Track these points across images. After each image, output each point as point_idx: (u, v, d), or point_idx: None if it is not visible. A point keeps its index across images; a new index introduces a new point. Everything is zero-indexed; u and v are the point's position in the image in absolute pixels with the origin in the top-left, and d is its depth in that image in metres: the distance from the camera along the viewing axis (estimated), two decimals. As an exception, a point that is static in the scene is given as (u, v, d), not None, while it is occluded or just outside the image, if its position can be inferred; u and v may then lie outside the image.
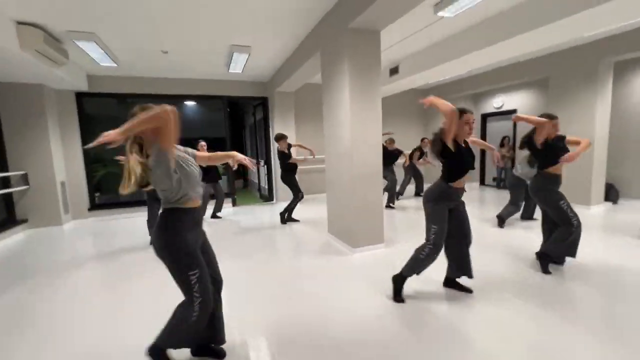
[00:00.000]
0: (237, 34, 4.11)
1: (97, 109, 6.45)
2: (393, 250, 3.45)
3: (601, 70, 4.87)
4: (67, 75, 4.63)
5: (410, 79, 5.67)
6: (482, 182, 8.46)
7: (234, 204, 6.84)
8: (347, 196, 3.44)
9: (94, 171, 6.34)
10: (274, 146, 6.61)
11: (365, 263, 3.15)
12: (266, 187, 7.55)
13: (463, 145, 2.22)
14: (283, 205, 6.12)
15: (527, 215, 4.59)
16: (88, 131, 5.75)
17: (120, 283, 2.95)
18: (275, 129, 6.54)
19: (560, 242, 2.68)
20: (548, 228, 2.88)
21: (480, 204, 6.22)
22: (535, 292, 2.40)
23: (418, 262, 2.29)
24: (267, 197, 7.30)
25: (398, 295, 2.35)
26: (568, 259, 2.86)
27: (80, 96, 5.66)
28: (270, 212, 6.03)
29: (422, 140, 6.66)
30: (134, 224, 5.26)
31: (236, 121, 10.02)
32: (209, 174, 5.14)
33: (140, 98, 5.86)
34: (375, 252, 3.42)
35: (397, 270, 2.39)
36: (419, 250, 2.30)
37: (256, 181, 8.86)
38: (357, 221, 3.39)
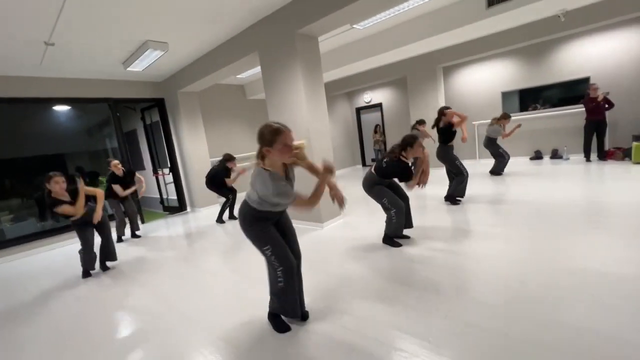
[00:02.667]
0: (155, 28, 3.84)
1: None
2: (352, 218, 4.22)
3: (437, 72, 7.06)
4: None
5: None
6: (364, 163, 10.34)
7: (142, 220, 6.02)
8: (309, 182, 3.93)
9: None
10: (184, 150, 6.23)
11: (339, 231, 3.78)
12: (171, 197, 6.90)
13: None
14: (205, 212, 5.96)
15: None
16: None
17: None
18: (183, 131, 6.14)
19: (458, 185, 4.09)
20: (450, 178, 4.29)
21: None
22: (459, 216, 3.65)
23: (394, 224, 2.99)
24: (178, 207, 6.72)
25: (396, 245, 3.03)
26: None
27: None
28: (197, 220, 5.71)
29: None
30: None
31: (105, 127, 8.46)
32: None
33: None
34: (339, 222, 4.09)
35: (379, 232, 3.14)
36: (389, 218, 3.01)
37: (148, 195, 7.85)
38: (322, 201, 3.95)
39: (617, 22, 5.39)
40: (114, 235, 4.39)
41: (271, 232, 1.84)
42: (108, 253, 3.55)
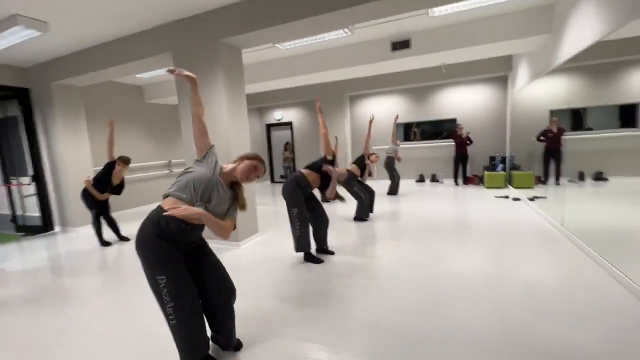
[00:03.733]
0: (29, 2, 3.07)
1: None
2: (270, 235, 4.11)
3: (345, 99, 7.76)
4: None
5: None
6: (272, 180, 10.31)
7: (-18, 245, 4.49)
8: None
9: None
10: (58, 155, 5.04)
11: (257, 250, 3.62)
12: (30, 214, 5.38)
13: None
14: (83, 232, 4.99)
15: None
16: None
17: None
18: (57, 132, 4.95)
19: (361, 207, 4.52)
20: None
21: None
22: (368, 231, 3.99)
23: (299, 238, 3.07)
24: (41, 227, 5.28)
25: (315, 261, 3.09)
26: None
27: None
28: (71, 242, 4.60)
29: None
30: None
31: None
32: None
33: None
34: (257, 240, 3.93)
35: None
36: (294, 232, 3.06)
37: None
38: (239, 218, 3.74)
39: (477, 79, 7.05)
40: None
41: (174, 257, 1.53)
42: None
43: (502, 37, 4.24)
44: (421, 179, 8.01)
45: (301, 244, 3.09)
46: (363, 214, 4.60)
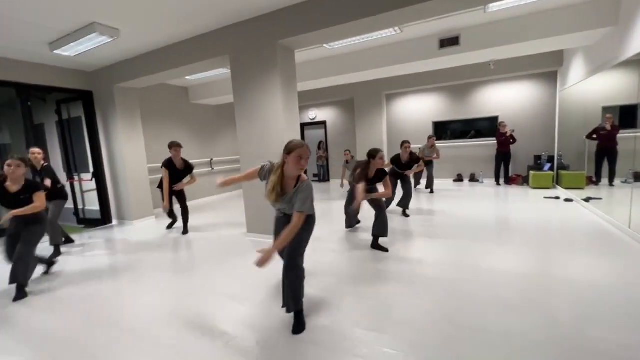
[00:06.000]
0: (107, 10, 3.31)
1: None
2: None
3: (382, 98, 7.73)
4: None
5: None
6: (305, 178, 10.43)
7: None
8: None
9: None
10: (117, 153, 5.39)
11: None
12: (90, 207, 5.81)
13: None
14: (139, 225, 5.32)
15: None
16: None
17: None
18: (117, 132, 5.31)
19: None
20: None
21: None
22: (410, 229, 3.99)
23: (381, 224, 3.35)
24: (99, 220, 5.68)
25: (382, 249, 3.34)
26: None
27: None
28: (128, 233, 4.92)
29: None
30: None
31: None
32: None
33: None
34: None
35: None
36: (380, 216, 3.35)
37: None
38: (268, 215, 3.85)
39: (524, 75, 6.79)
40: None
41: None
42: None
43: (560, 31, 4.08)
44: (459, 178, 7.83)
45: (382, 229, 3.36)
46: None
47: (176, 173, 4.41)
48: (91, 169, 5.65)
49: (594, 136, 4.69)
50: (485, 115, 7.47)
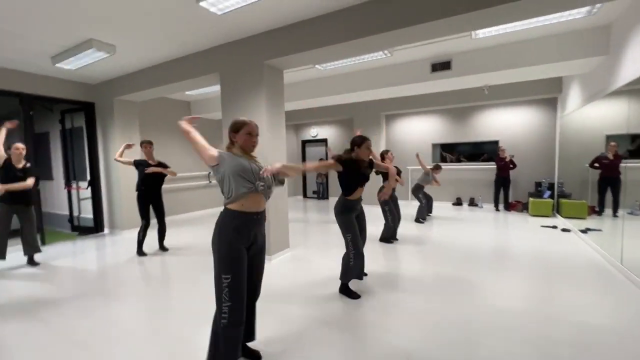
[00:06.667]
0: (104, 27, 3.46)
1: None
2: (299, 252, 4.13)
3: (381, 118, 7.75)
4: None
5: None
6: (305, 194, 10.43)
7: (43, 240, 4.97)
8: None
9: None
10: (112, 163, 5.49)
11: (290, 264, 3.65)
12: (84, 215, 5.90)
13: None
14: (128, 235, 5.28)
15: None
16: None
17: None
18: (114, 142, 5.45)
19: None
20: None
21: (304, 210, 7.86)
22: (397, 255, 3.87)
23: (349, 268, 2.70)
24: (92, 228, 5.75)
25: (353, 296, 2.73)
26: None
27: None
28: (117, 244, 4.95)
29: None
30: None
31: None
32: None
33: None
34: (286, 255, 3.97)
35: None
36: (346, 259, 2.70)
37: (54, 211, 6.61)
38: (269, 232, 3.81)
39: (524, 100, 6.73)
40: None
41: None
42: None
43: (551, 59, 4.04)
44: (458, 202, 7.66)
45: (348, 275, 2.75)
46: (389, 234, 4.50)
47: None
48: (88, 178, 5.78)
49: (596, 165, 4.54)
50: (485, 139, 7.37)
